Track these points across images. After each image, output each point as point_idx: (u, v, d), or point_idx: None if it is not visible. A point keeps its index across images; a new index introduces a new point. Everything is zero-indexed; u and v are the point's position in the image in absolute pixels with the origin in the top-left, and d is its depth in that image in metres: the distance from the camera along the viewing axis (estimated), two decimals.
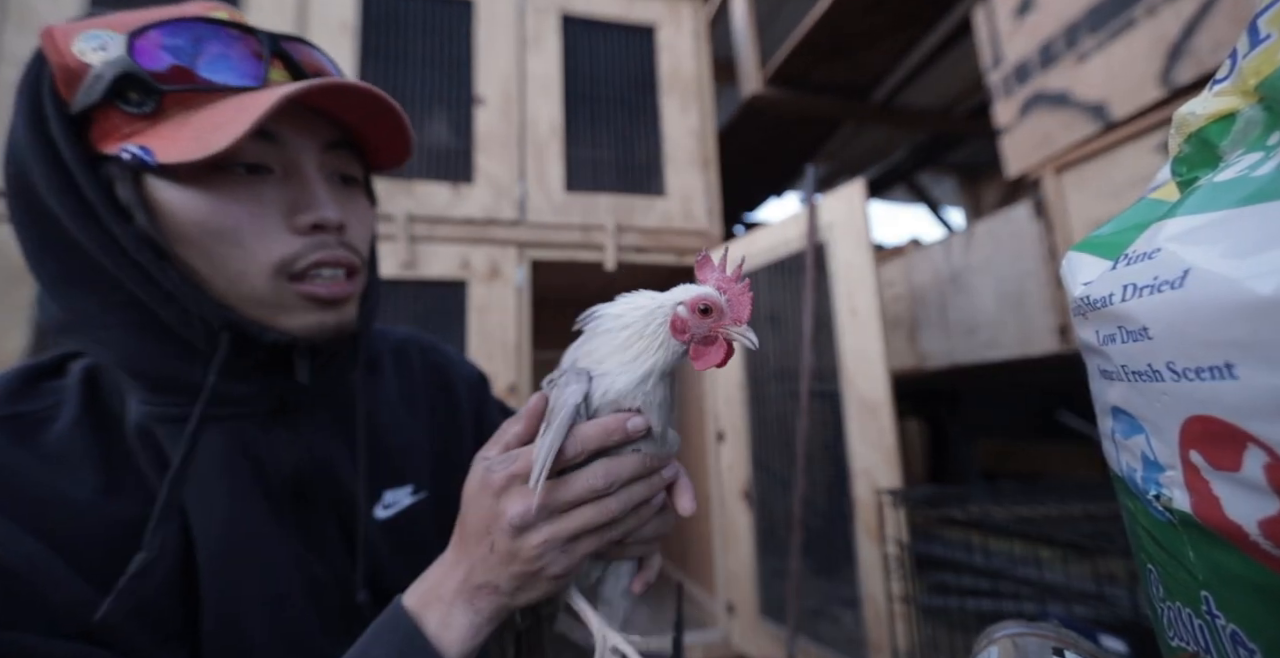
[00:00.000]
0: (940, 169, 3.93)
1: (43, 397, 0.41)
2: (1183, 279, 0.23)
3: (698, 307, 0.34)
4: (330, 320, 0.43)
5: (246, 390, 0.42)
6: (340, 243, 0.42)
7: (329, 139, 0.43)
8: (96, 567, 0.36)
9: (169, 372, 0.40)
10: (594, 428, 0.35)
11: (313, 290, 0.41)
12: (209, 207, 0.38)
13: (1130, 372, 0.27)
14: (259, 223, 0.39)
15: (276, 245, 0.40)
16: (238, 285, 0.40)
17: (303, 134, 0.41)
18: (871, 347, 1.37)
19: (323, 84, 0.38)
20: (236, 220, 0.39)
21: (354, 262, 0.44)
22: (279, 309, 0.41)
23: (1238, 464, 0.22)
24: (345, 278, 0.43)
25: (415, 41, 1.84)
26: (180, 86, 0.37)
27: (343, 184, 0.45)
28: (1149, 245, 0.26)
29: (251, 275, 0.40)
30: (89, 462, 0.39)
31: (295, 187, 0.41)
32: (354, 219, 0.44)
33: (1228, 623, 0.23)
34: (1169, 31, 1.06)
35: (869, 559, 1.34)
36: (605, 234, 1.89)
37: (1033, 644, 0.37)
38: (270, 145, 0.40)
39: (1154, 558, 0.28)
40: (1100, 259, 0.31)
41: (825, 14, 2.06)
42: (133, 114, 0.36)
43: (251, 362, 0.42)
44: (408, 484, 0.53)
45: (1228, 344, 0.21)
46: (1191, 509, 0.24)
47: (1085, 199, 1.26)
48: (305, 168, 0.41)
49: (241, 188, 0.39)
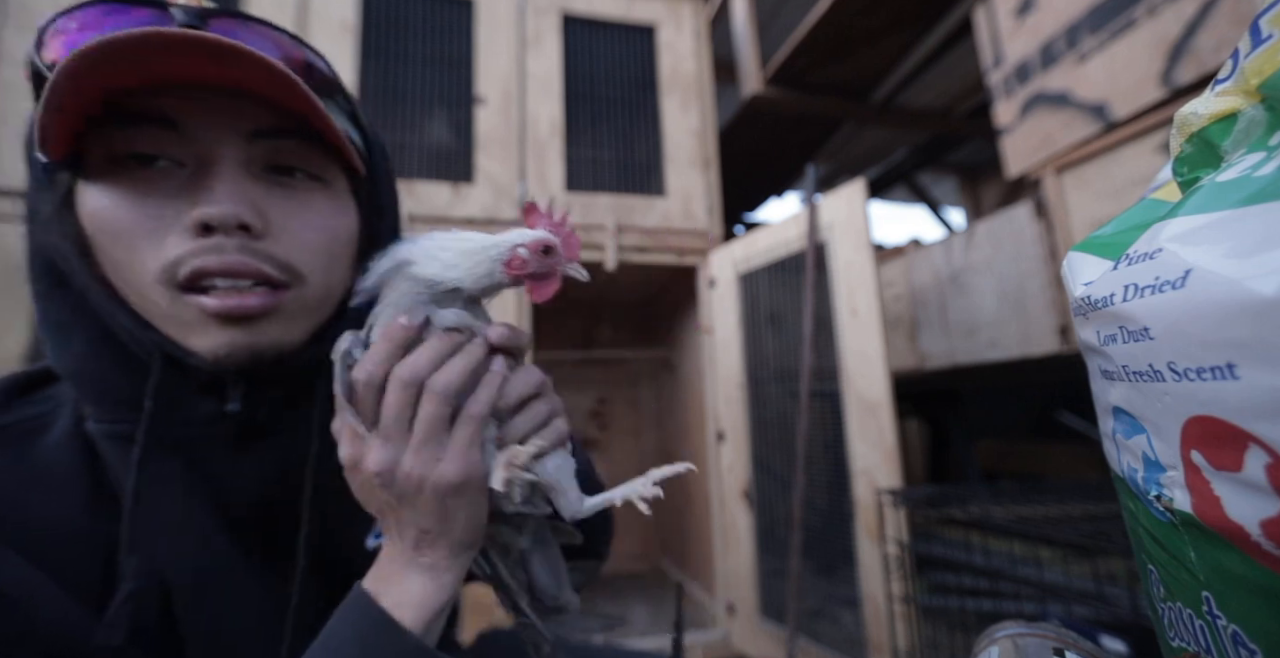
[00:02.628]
0: (940, 169, 3.93)
1: (34, 405, 0.39)
2: (1184, 279, 0.23)
3: (539, 247, 0.37)
4: (240, 341, 0.36)
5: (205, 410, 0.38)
6: (245, 249, 0.35)
7: (256, 127, 0.36)
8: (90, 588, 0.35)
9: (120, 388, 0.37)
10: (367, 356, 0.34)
11: (201, 302, 0.34)
12: (104, 205, 0.34)
13: (1131, 372, 0.27)
14: (152, 223, 0.34)
15: (167, 249, 0.34)
16: (143, 299, 0.35)
17: (215, 119, 0.35)
18: (872, 347, 1.37)
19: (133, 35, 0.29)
20: (128, 221, 0.33)
21: (262, 272, 0.35)
22: (183, 326, 0.35)
23: (1239, 465, 0.22)
24: (255, 289, 0.35)
25: (415, 41, 1.84)
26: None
27: (279, 177, 0.37)
28: (1150, 246, 0.26)
29: (144, 285, 0.34)
30: (77, 477, 0.37)
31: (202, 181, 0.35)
32: (293, 223, 0.37)
33: (1229, 624, 0.23)
34: (1170, 31, 1.06)
35: (869, 559, 1.34)
36: (605, 234, 1.89)
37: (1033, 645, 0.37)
38: (172, 134, 0.34)
39: (1155, 559, 0.28)
40: (1101, 259, 0.31)
41: (826, 14, 2.06)
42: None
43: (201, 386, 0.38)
44: None
45: (1229, 345, 0.21)
46: (1193, 510, 0.24)
47: (1086, 199, 1.26)
48: (218, 160, 0.35)
49: (141, 185, 0.34)
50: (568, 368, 2.42)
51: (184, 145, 0.35)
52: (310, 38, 1.74)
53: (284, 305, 0.37)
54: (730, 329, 1.83)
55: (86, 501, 0.37)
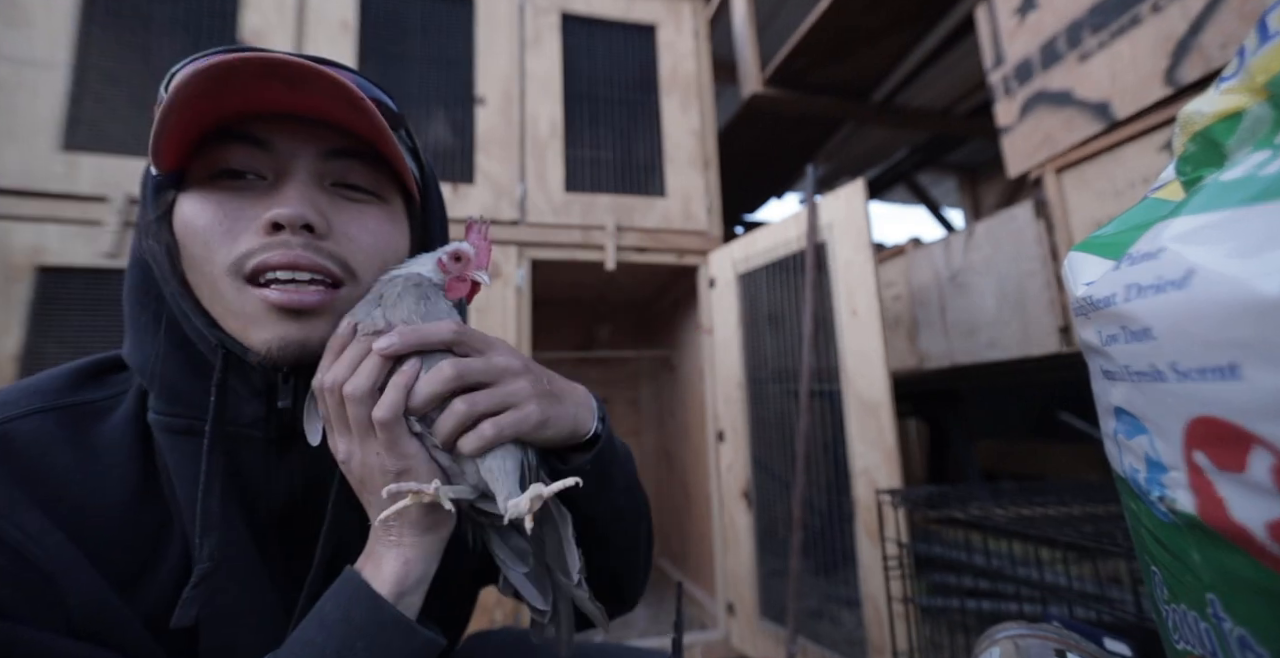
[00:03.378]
0: (940, 169, 3.92)
1: (107, 387, 0.42)
2: (1187, 279, 0.23)
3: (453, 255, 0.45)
4: (294, 334, 0.38)
5: (253, 411, 0.41)
6: (307, 245, 0.38)
7: (331, 146, 0.41)
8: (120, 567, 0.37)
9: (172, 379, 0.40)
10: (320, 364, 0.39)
11: (264, 295, 0.37)
12: (194, 210, 0.38)
13: (1133, 372, 0.27)
14: (229, 223, 0.38)
15: (237, 245, 0.38)
16: (214, 292, 0.38)
17: (297, 141, 0.40)
18: (871, 347, 1.37)
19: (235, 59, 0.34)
20: (208, 220, 0.38)
21: (323, 266, 0.39)
22: (246, 319, 0.38)
23: (1243, 465, 0.21)
24: (312, 285, 0.39)
25: (415, 41, 1.84)
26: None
27: (345, 192, 0.42)
28: (1152, 245, 0.25)
29: (216, 278, 0.38)
30: (132, 461, 0.39)
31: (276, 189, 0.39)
32: (353, 228, 0.41)
33: (1235, 627, 0.23)
34: (1175, 29, 1.05)
35: (869, 559, 1.34)
36: (605, 234, 1.88)
37: (1035, 646, 0.37)
38: (260, 152, 0.39)
39: (1158, 560, 0.28)
40: (1103, 259, 0.31)
41: (825, 13, 2.06)
42: None
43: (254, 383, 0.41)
44: None
45: (1233, 344, 0.21)
46: (1196, 511, 0.24)
47: (1087, 199, 1.26)
48: (293, 172, 0.39)
49: (226, 192, 0.39)
50: (568, 367, 2.42)
51: (269, 161, 0.40)
52: (310, 38, 1.74)
53: (336, 304, 0.40)
54: (730, 329, 1.83)
55: (136, 485, 0.39)
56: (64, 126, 1.50)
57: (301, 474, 0.44)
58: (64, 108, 1.50)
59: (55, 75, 1.51)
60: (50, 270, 1.43)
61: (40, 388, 0.40)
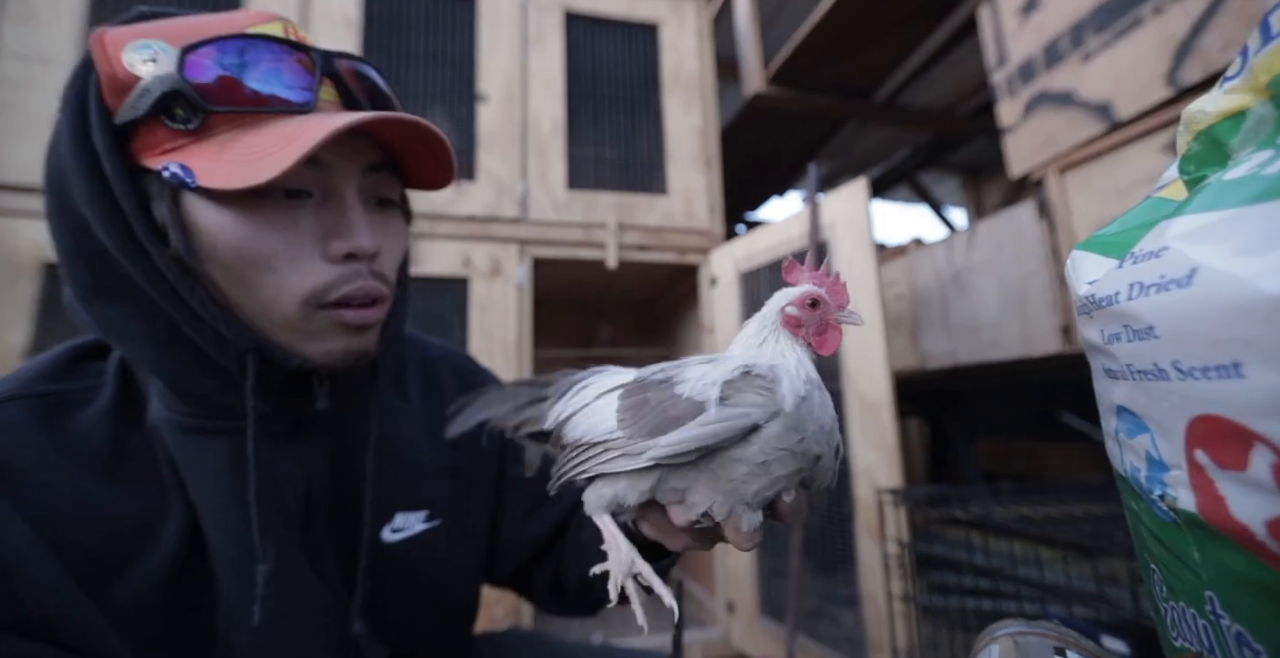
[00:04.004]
0: (943, 169, 3.92)
1: (83, 377, 0.42)
2: (1190, 277, 0.23)
3: (806, 302, 0.39)
4: (354, 346, 0.43)
5: (265, 409, 0.42)
6: (371, 272, 0.42)
7: (370, 162, 0.42)
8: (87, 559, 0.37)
9: (193, 386, 0.40)
10: None
11: (342, 317, 0.41)
12: (245, 232, 0.37)
13: (1135, 371, 0.27)
14: (293, 250, 0.39)
15: (310, 274, 0.39)
16: (269, 310, 0.39)
17: (345, 158, 0.40)
18: (873, 346, 1.37)
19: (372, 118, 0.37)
20: (272, 248, 0.38)
21: (382, 292, 0.43)
22: (306, 334, 0.41)
23: (1244, 464, 0.22)
24: (372, 305, 0.43)
25: (418, 38, 1.84)
26: (227, 108, 0.36)
27: (379, 207, 0.44)
28: (1156, 244, 0.26)
29: (283, 303, 0.39)
30: (106, 453, 0.39)
31: (333, 212, 0.40)
32: (388, 244, 0.44)
33: (1233, 624, 0.23)
34: (1177, 30, 1.05)
35: (869, 559, 1.34)
36: (607, 232, 1.88)
37: (1034, 643, 0.37)
38: (313, 169, 0.39)
39: (1157, 558, 0.28)
40: (1106, 258, 0.31)
41: (828, 13, 2.05)
42: (177, 130, 0.36)
43: (272, 383, 0.42)
44: (421, 510, 0.52)
45: (1235, 343, 0.21)
46: (1197, 509, 0.24)
47: (1089, 199, 1.26)
48: (344, 192, 0.41)
49: (280, 213, 0.38)
50: (568, 365, 2.42)
51: (320, 179, 0.40)
52: (312, 34, 1.74)
53: (381, 316, 0.44)
54: (731, 328, 1.83)
55: (107, 477, 0.39)
56: None
57: (316, 461, 0.46)
58: None
59: (63, 72, 1.51)
60: (56, 267, 1.44)
61: (17, 376, 0.40)
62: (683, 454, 0.34)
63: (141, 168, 0.37)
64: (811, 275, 0.40)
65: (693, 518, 0.35)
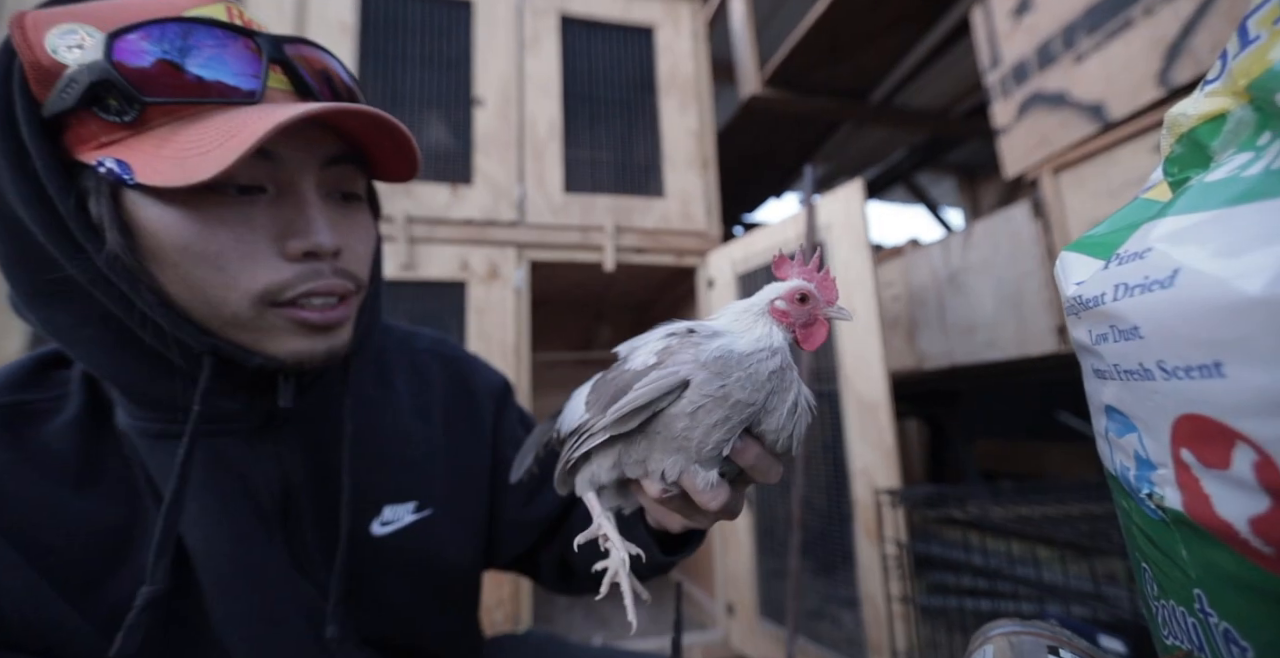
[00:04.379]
0: (938, 169, 3.93)
1: (51, 387, 0.41)
2: (1172, 278, 0.23)
3: (795, 297, 0.38)
4: (321, 346, 0.41)
5: (231, 407, 0.41)
6: (334, 270, 0.40)
7: (329, 154, 0.40)
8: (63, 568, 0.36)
9: (148, 389, 0.38)
10: None
11: (303, 316, 0.39)
12: (193, 230, 0.35)
13: (1122, 371, 0.27)
14: (245, 247, 0.36)
15: (263, 272, 0.37)
16: (218, 309, 0.37)
17: (301, 150, 0.38)
18: (870, 347, 1.38)
19: (322, 110, 0.34)
20: (221, 246, 0.36)
21: (348, 289, 0.41)
22: (263, 334, 0.39)
23: (1227, 462, 0.22)
24: (338, 303, 0.41)
25: (414, 42, 1.84)
26: (165, 99, 0.33)
27: (343, 201, 0.42)
28: (1140, 245, 0.26)
29: (233, 302, 0.37)
30: (76, 463, 0.39)
31: (289, 208, 0.38)
32: (352, 240, 0.42)
33: (1220, 621, 0.23)
34: (1167, 32, 1.06)
35: (868, 559, 1.34)
36: (604, 235, 1.89)
37: (1028, 643, 0.37)
38: (265, 163, 0.36)
39: (1148, 557, 0.28)
40: (1093, 259, 0.31)
41: (823, 15, 2.06)
42: (112, 122, 0.33)
43: (235, 383, 0.40)
44: (410, 501, 0.52)
45: (1216, 343, 0.21)
46: (1183, 507, 0.24)
47: (1083, 199, 1.26)
48: (301, 187, 0.38)
49: (230, 210, 0.36)
50: (567, 368, 2.42)
51: (274, 172, 0.37)
52: (309, 38, 1.74)
53: (349, 313, 0.42)
54: None
55: (86, 486, 0.38)
56: None
57: (293, 458, 0.45)
58: None
59: None
60: None
61: None
62: (626, 419, 0.36)
63: (77, 163, 0.34)
64: (801, 270, 0.40)
65: (659, 488, 0.36)
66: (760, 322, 0.38)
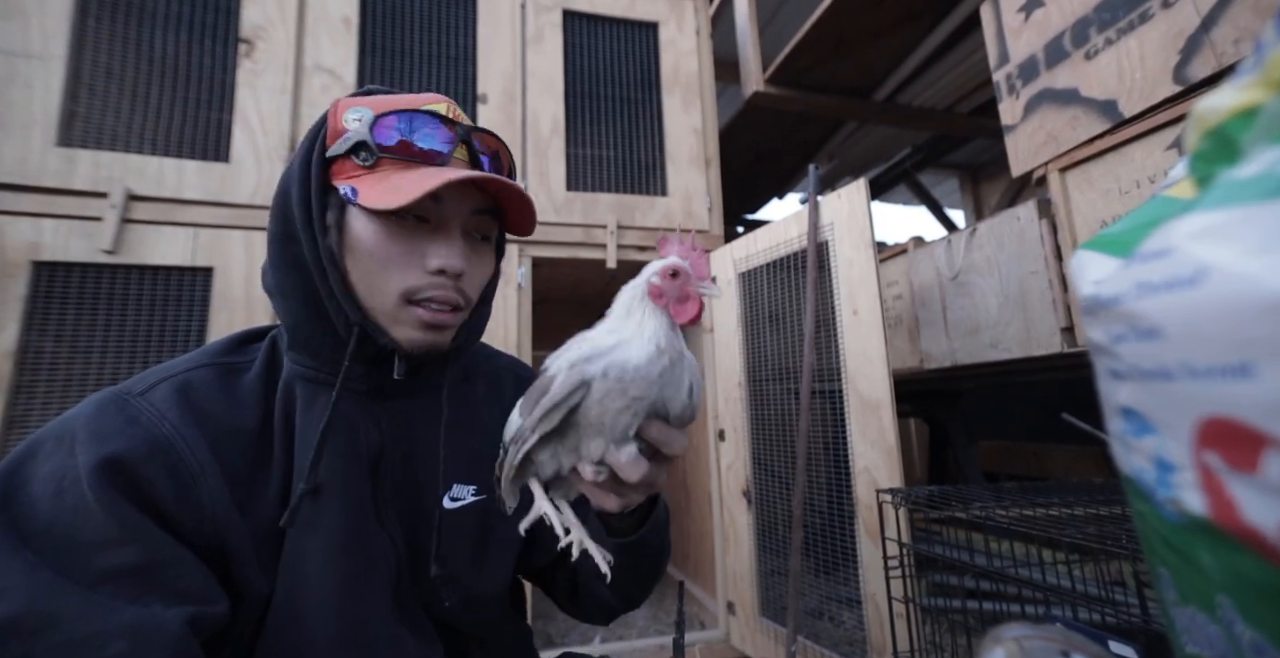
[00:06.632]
0: (943, 168, 3.92)
1: (247, 353, 0.58)
2: (1199, 277, 0.22)
3: (668, 273, 0.44)
4: (429, 339, 0.55)
5: (357, 370, 0.56)
6: (454, 287, 0.55)
7: (477, 206, 0.56)
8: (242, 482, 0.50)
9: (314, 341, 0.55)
10: None
11: (421, 315, 0.54)
12: (379, 239, 0.52)
13: (1141, 371, 0.26)
14: (405, 258, 0.53)
15: (409, 277, 0.53)
16: (374, 297, 0.53)
17: (460, 200, 0.55)
18: (873, 346, 1.37)
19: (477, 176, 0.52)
20: (390, 253, 0.52)
21: (458, 301, 0.55)
22: (395, 321, 0.54)
23: (1256, 466, 0.21)
24: (449, 311, 0.55)
25: (416, 38, 1.83)
26: (390, 155, 0.53)
27: (479, 241, 0.58)
28: (1163, 243, 0.25)
29: (385, 293, 0.53)
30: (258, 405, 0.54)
31: (441, 237, 0.54)
32: (476, 270, 0.57)
33: (1247, 629, 0.22)
34: (1186, 25, 1.04)
35: (869, 559, 1.33)
36: (606, 233, 1.88)
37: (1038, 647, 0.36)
38: (435, 204, 0.53)
39: (1166, 561, 0.28)
40: (1111, 257, 0.30)
41: (827, 11, 2.05)
42: (359, 165, 0.52)
43: (365, 354, 0.55)
44: (473, 484, 0.63)
45: (1246, 343, 0.21)
46: (1206, 512, 0.23)
47: (1091, 198, 1.25)
48: (453, 225, 0.55)
49: (405, 231, 0.53)
50: None
51: (439, 211, 0.54)
52: (311, 34, 1.73)
53: (455, 321, 0.57)
54: (731, 328, 1.83)
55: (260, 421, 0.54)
56: (60, 121, 1.49)
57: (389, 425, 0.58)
58: (60, 102, 1.49)
59: (51, 69, 1.50)
60: (46, 265, 1.43)
61: (206, 351, 0.57)
62: (550, 416, 0.43)
63: (332, 186, 0.53)
64: (680, 249, 0.46)
65: (592, 470, 0.44)
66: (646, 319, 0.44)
